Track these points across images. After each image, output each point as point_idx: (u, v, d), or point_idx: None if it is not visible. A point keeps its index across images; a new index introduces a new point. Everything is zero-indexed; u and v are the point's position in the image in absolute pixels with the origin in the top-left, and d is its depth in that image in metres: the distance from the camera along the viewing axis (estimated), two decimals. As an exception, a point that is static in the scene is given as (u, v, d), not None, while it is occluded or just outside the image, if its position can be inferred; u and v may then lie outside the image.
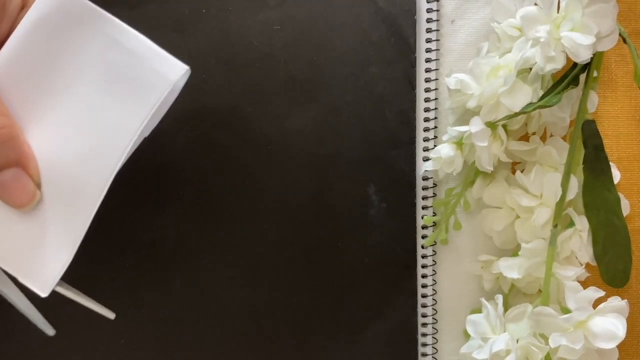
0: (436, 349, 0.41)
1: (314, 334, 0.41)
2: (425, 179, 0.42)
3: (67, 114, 0.33)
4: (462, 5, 0.42)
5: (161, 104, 0.33)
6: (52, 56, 0.32)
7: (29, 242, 0.33)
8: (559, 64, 0.35)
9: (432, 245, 0.41)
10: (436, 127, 0.42)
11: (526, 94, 0.36)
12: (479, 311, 0.38)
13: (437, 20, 0.42)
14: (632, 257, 0.37)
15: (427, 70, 0.42)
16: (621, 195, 0.38)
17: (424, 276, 0.41)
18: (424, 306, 0.41)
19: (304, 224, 0.41)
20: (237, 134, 0.41)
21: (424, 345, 0.41)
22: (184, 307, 0.41)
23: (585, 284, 0.36)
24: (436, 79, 0.42)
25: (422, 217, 0.41)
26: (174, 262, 0.41)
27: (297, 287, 0.41)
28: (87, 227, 0.33)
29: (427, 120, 0.41)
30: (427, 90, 0.42)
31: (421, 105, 0.42)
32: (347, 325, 0.41)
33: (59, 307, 0.36)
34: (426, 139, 0.41)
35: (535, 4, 0.36)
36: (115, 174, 0.33)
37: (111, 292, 0.41)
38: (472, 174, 0.40)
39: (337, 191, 0.41)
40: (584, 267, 0.37)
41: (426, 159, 0.41)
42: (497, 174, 0.40)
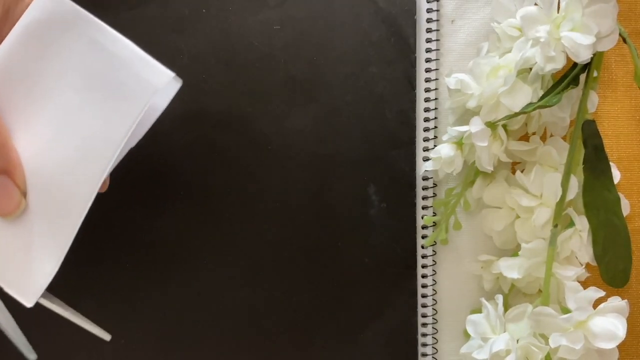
0: (436, 349, 0.41)
1: (314, 334, 0.41)
2: (425, 179, 0.41)
3: (52, 120, 0.32)
4: (462, 5, 0.42)
5: (148, 111, 0.32)
6: (39, 60, 0.32)
7: (13, 250, 0.32)
8: (559, 64, 0.35)
9: (432, 245, 0.41)
10: (436, 127, 0.42)
11: (526, 94, 0.36)
12: (479, 311, 0.38)
13: (437, 20, 0.42)
14: (632, 257, 0.37)
15: (427, 70, 0.42)
16: (621, 195, 0.38)
17: (424, 276, 0.41)
18: (424, 306, 0.41)
19: (304, 224, 0.41)
20: (237, 134, 0.41)
21: (424, 345, 0.41)
22: (184, 307, 0.41)
23: (585, 284, 0.36)
24: (436, 79, 0.42)
25: (422, 217, 0.41)
26: (174, 263, 0.41)
27: (297, 287, 0.41)
28: (73, 236, 0.31)
29: (427, 120, 0.41)
30: (427, 90, 0.42)
31: (421, 105, 0.42)
32: (347, 325, 0.41)
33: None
34: (426, 139, 0.41)
35: (535, 4, 0.36)
36: (101, 182, 0.32)
37: (111, 292, 0.41)
38: (472, 174, 0.40)
39: (337, 191, 0.41)
40: (584, 267, 0.37)
41: (426, 159, 0.41)
42: (497, 174, 0.40)
